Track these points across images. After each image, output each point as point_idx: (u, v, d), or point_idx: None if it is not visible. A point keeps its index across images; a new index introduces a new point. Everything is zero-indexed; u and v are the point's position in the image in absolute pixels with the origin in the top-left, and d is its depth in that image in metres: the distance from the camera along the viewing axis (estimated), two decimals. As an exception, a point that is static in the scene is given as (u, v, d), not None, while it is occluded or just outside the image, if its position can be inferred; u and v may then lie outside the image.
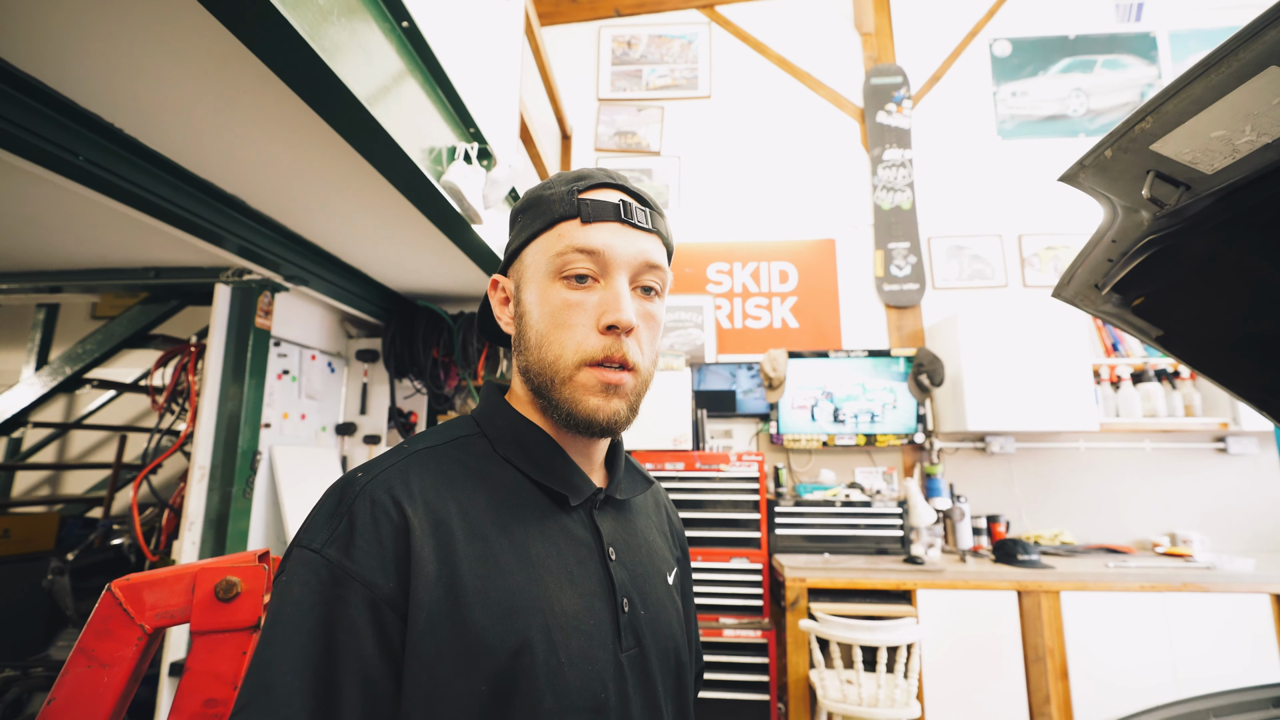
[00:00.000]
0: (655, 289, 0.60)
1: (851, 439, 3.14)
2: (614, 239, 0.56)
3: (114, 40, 1.02)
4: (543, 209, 0.59)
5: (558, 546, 0.55)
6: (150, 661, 0.76)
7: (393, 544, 0.48)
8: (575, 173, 0.61)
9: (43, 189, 1.43)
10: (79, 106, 1.23)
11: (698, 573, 2.67)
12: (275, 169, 1.54)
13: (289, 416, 2.31)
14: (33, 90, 1.14)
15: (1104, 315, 1.07)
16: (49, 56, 1.07)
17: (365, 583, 0.46)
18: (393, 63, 1.26)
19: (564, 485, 0.58)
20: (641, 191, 0.62)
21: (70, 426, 3.12)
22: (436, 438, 0.59)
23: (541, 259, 0.58)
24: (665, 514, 0.77)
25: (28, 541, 2.61)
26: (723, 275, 3.53)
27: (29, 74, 1.11)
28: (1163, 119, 0.69)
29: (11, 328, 3.19)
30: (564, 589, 0.53)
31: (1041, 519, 3.07)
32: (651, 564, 0.64)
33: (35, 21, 0.98)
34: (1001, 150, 3.52)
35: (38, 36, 1.01)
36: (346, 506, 0.49)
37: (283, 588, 0.47)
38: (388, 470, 0.52)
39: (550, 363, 0.56)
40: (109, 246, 1.95)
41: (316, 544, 0.47)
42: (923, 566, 2.50)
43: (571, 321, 0.55)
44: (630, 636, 0.56)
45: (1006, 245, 3.40)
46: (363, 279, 2.47)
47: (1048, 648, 2.34)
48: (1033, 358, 2.85)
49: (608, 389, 0.55)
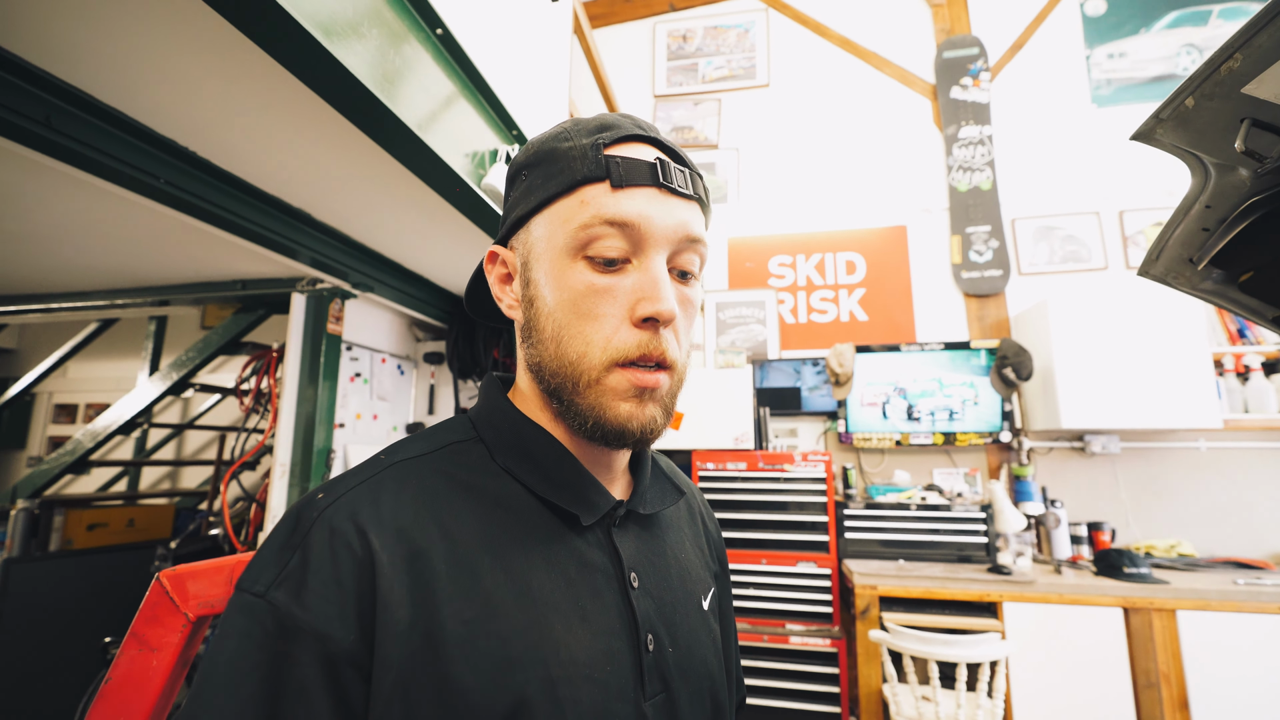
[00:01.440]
0: (693, 271, 0.50)
1: (928, 438, 2.93)
2: (651, 208, 0.46)
3: (186, 72, 1.11)
4: (559, 166, 0.47)
5: (567, 576, 0.46)
6: (196, 648, 0.81)
7: (354, 585, 0.39)
8: (598, 120, 0.49)
9: (136, 212, 1.57)
10: (157, 133, 1.34)
11: (762, 576, 2.58)
12: (336, 182, 1.63)
13: (361, 417, 2.44)
14: (113, 119, 1.26)
15: (1203, 294, 0.92)
16: (128, 87, 1.18)
17: (318, 635, 0.37)
18: (435, 78, 1.29)
19: (575, 501, 0.49)
20: (676, 147, 0.51)
21: (183, 427, 3.46)
22: (423, 445, 0.50)
23: (559, 231, 0.47)
24: (701, 522, 0.66)
25: (149, 530, 2.92)
26: (785, 268, 3.41)
27: (110, 104, 1.22)
28: (1255, 55, 0.57)
29: (130, 339, 3.59)
30: (573, 630, 0.44)
31: (1154, 528, 2.74)
32: (684, 588, 0.54)
33: (116, 57, 1.07)
34: (1097, 119, 3.18)
35: (118, 70, 1.11)
36: (301, 537, 0.41)
37: (218, 639, 0.38)
38: (355, 490, 0.44)
39: (572, 362, 0.46)
40: (203, 263, 2.13)
41: (261, 585, 0.39)
42: (1010, 577, 2.30)
43: (599, 311, 0.46)
44: (656, 681, 0.47)
45: (1105, 223, 3.07)
46: (425, 284, 2.58)
47: (1162, 673, 2.08)
48: (1140, 347, 2.55)
49: (642, 394, 0.46)
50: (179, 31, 0.99)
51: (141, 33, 0.99)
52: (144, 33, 0.99)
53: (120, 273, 2.21)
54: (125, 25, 0.97)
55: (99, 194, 1.46)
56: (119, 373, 4.05)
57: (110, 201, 1.52)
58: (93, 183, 1.34)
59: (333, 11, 0.92)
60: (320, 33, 0.89)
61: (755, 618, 2.56)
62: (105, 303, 2.38)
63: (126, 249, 1.96)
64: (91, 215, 1.66)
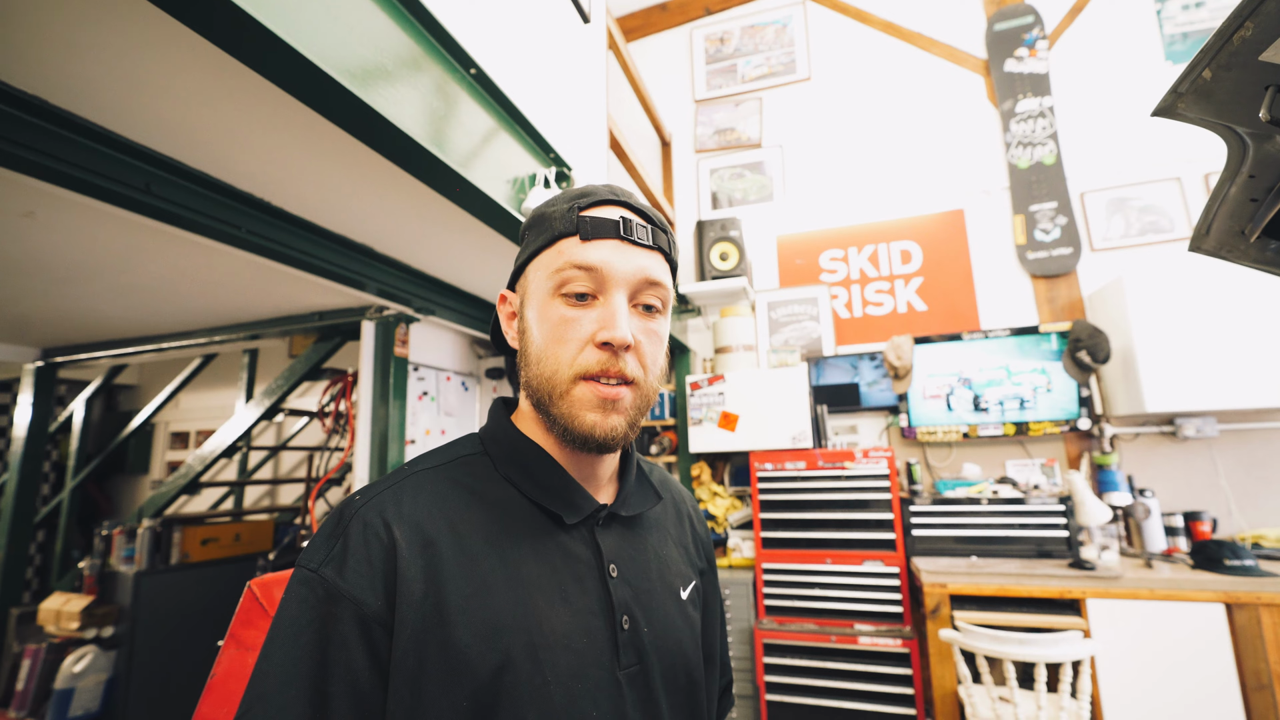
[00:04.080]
0: (656, 307, 0.60)
1: (998, 429, 2.80)
2: (612, 256, 0.56)
3: (270, 139, 1.25)
4: (545, 226, 0.59)
5: (552, 565, 0.56)
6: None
7: (381, 564, 0.50)
8: (579, 190, 0.62)
9: (224, 259, 1.77)
10: (236, 188, 1.50)
11: (827, 576, 2.55)
12: (395, 218, 1.76)
13: (430, 433, 2.60)
14: (201, 180, 1.42)
15: (1262, 266, 0.87)
16: (217, 153, 1.34)
17: (355, 600, 0.48)
18: (474, 116, 1.38)
19: (561, 505, 0.58)
20: (645, 208, 0.62)
21: (278, 449, 3.78)
22: (439, 458, 0.61)
23: (542, 275, 0.58)
24: (689, 525, 0.75)
25: (252, 544, 3.21)
26: (837, 263, 3.35)
27: (197, 168, 1.39)
28: (1267, 21, 0.55)
29: (228, 370, 3.96)
30: (555, 608, 0.53)
31: (1261, 516, 2.51)
32: (661, 579, 0.63)
33: (194, 121, 1.22)
34: (1173, 76, 2.94)
35: (197, 132, 1.27)
36: (343, 529, 0.52)
37: (283, 604, 0.50)
38: (383, 493, 0.55)
39: (548, 377, 0.56)
40: (285, 298, 2.34)
41: (314, 564, 0.50)
42: (1093, 572, 2.17)
43: (569, 336, 0.56)
44: (631, 654, 0.56)
45: (1188, 189, 2.84)
46: (481, 304, 2.71)
47: (1275, 674, 1.91)
48: (1232, 320, 2.35)
49: (605, 404, 0.55)
50: (252, 103, 1.12)
51: (219, 104, 1.13)
52: (221, 104, 1.13)
53: (216, 312, 2.46)
54: (211, 99, 1.11)
55: (191, 245, 1.65)
56: (221, 401, 4.46)
57: (201, 251, 1.72)
58: (186, 237, 1.52)
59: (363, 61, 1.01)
60: (365, 93, 0.98)
61: (822, 618, 2.53)
62: (205, 340, 2.65)
63: (219, 292, 2.19)
64: (187, 264, 1.87)
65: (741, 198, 3.62)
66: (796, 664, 2.49)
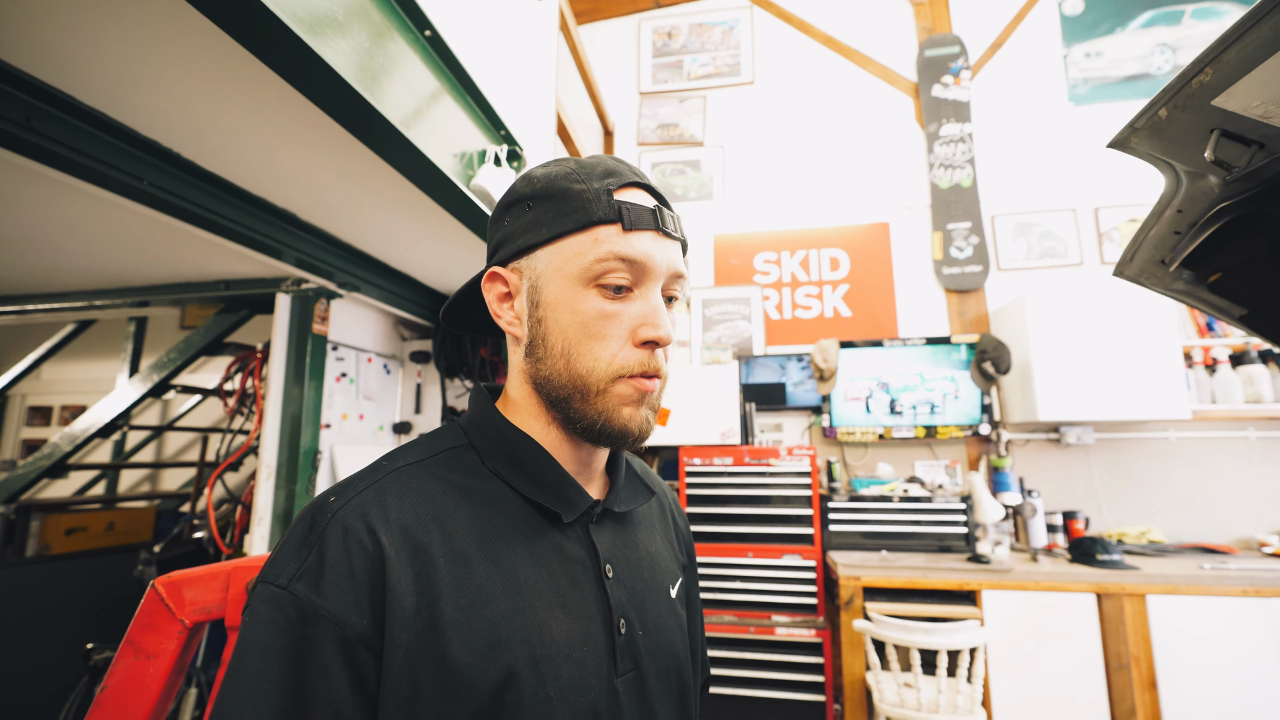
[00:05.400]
0: (677, 298, 0.58)
1: (910, 431, 2.99)
2: (653, 248, 0.53)
3: (167, 72, 1.09)
4: (573, 205, 0.53)
5: (549, 568, 0.52)
6: (193, 654, 0.81)
7: (367, 577, 0.44)
8: (603, 166, 0.56)
9: (116, 213, 1.55)
10: (139, 134, 1.32)
11: (749, 569, 2.62)
12: (322, 183, 1.61)
13: (348, 417, 2.43)
14: (95, 120, 1.24)
15: (1175, 294, 0.96)
16: (109, 88, 1.16)
17: (337, 621, 0.42)
18: (421, 77, 1.28)
19: (557, 501, 0.54)
20: (661, 191, 0.59)
21: (163, 429, 3.41)
22: (420, 452, 0.55)
23: (573, 262, 0.52)
24: (671, 519, 0.73)
25: (129, 534, 2.88)
26: (770, 265, 3.44)
27: (92, 105, 1.20)
28: (1224, 69, 0.60)
29: (107, 340, 3.52)
30: (555, 615, 0.50)
31: (1126, 516, 2.83)
32: (654, 578, 0.61)
33: (98, 57, 1.06)
34: (1074, 117, 3.25)
35: (99, 70, 1.10)
36: (317, 535, 0.45)
37: (245, 630, 0.43)
38: (363, 493, 0.48)
39: (581, 375, 0.52)
40: (184, 263, 2.10)
41: (283, 579, 0.44)
42: (988, 565, 2.36)
43: (606, 333, 0.52)
44: (627, 659, 0.53)
45: (1081, 220, 3.15)
46: (412, 283, 2.56)
47: (1132, 655, 2.16)
48: (1113, 340, 2.62)
49: (642, 398, 0.53)
50: (162, 31, 0.98)
51: (123, 33, 0.98)
52: (126, 33, 0.98)
53: (99, 273, 2.17)
54: (106, 26, 0.96)
55: (78, 195, 1.43)
56: (95, 374, 3.97)
57: (90, 202, 1.50)
58: (73, 184, 1.32)
59: (314, 7, 0.91)
60: (301, 27, 0.88)
61: (742, 610, 2.60)
62: (84, 304, 2.34)
63: (106, 250, 1.93)
64: (70, 216, 1.63)
65: (682, 194, 3.64)
66: (716, 655, 2.55)
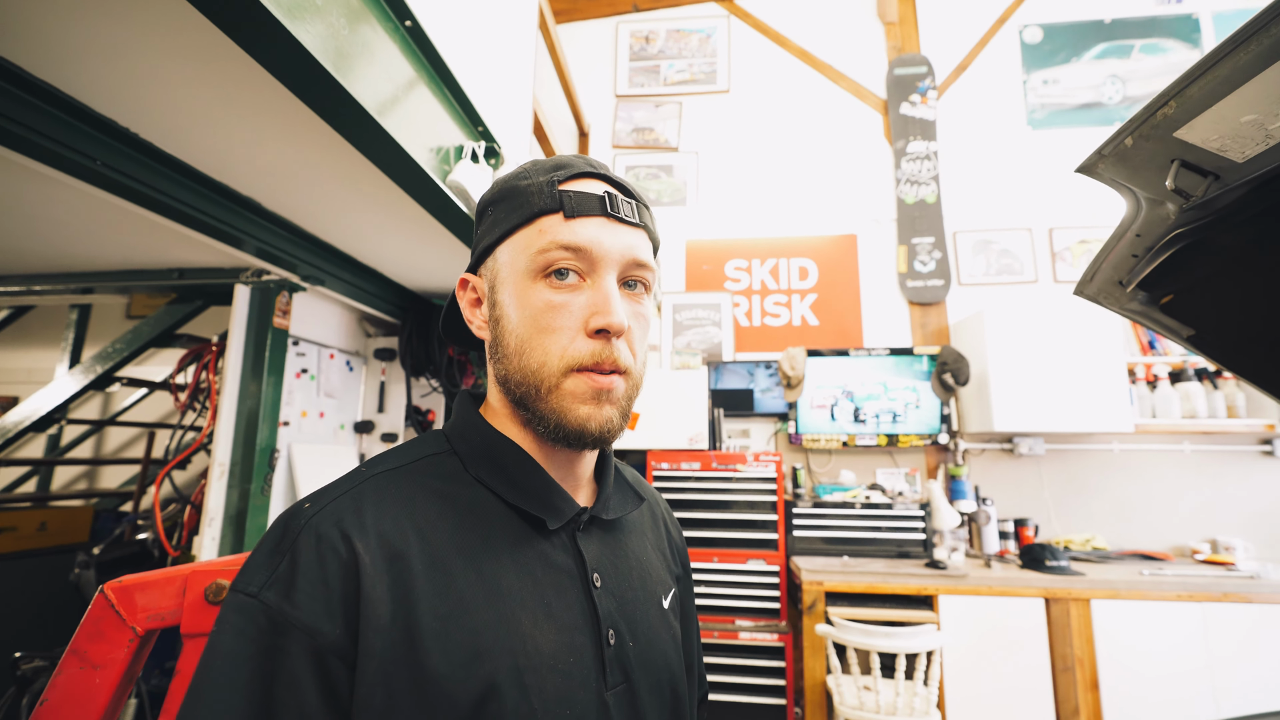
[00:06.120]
0: (644, 286, 0.55)
1: (873, 439, 3.06)
2: (601, 234, 0.51)
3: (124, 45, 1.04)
4: (519, 201, 0.53)
5: (534, 576, 0.50)
6: (144, 663, 0.77)
7: (340, 585, 0.43)
8: (554, 160, 0.56)
9: (64, 193, 1.46)
10: (94, 111, 1.25)
11: (714, 574, 2.64)
12: (288, 171, 1.56)
13: (308, 415, 2.35)
14: (46, 95, 1.17)
15: (1130, 314, 1.01)
16: (61, 61, 1.10)
17: (308, 630, 0.41)
18: (399, 66, 1.25)
19: (542, 508, 0.53)
20: (624, 182, 0.57)
21: (104, 423, 3.23)
22: (400, 458, 0.54)
23: (520, 257, 0.52)
24: (664, 528, 0.71)
25: (63, 534, 2.71)
26: (741, 272, 3.48)
27: (43, 79, 1.13)
28: (1187, 103, 0.63)
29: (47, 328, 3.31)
30: (539, 625, 0.48)
31: (1073, 523, 2.96)
32: (644, 588, 0.59)
33: (46, 26, 1.00)
34: (1032, 140, 3.39)
35: (48, 41, 1.03)
36: (289, 543, 0.44)
37: (213, 639, 0.42)
38: (338, 500, 0.47)
39: (533, 370, 0.51)
40: (135, 249, 1.99)
41: (253, 587, 0.43)
42: (945, 571, 2.43)
43: (556, 325, 0.50)
44: (617, 672, 0.51)
45: (1036, 239, 3.29)
46: (379, 278, 2.50)
47: (1077, 657, 2.25)
48: (1064, 356, 2.74)
49: (599, 395, 0.50)
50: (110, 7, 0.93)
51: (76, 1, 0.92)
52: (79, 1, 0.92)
53: (39, 256, 2.04)
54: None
55: (21, 172, 1.35)
56: (29, 363, 3.73)
57: (34, 181, 1.41)
58: (17, 160, 1.24)
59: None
60: (275, 5, 0.85)
61: (707, 615, 2.61)
62: (21, 289, 2.19)
63: (48, 231, 1.82)
64: (8, 194, 1.53)
65: (655, 199, 3.65)
66: (681, 659, 2.56)
